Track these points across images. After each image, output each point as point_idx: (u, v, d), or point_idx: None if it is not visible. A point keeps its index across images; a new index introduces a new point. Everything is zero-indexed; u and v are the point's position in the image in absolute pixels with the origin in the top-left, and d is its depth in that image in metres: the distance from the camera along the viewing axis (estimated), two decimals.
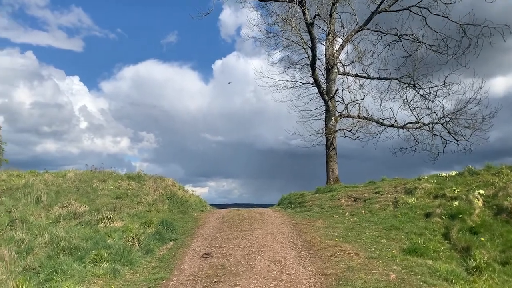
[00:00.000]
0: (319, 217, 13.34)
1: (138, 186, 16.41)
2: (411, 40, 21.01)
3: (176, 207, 15.59)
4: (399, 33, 21.10)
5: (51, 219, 13.01)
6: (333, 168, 21.12)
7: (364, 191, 14.97)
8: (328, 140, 21.29)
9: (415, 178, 14.46)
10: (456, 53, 20.34)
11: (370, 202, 13.61)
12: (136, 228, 11.87)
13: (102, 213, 12.70)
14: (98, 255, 9.15)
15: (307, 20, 19.77)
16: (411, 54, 21.28)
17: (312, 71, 21.05)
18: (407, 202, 12.71)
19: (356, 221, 12.20)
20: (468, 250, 9.15)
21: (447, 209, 11.53)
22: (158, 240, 11.10)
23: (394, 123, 21.45)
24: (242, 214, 15.10)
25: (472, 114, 20.25)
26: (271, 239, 10.67)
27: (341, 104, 21.95)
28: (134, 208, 14.19)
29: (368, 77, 21.82)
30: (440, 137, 21.26)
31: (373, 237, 10.34)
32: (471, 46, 20.10)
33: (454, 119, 20.73)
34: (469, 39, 20.11)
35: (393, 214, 12.23)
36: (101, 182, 16.41)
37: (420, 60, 21.17)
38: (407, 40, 21.14)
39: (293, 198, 18.00)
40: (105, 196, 15.08)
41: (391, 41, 21.63)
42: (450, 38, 20.33)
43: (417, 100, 21.62)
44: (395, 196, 13.46)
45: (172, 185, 17.89)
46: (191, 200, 17.62)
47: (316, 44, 20.50)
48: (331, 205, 14.49)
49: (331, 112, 21.38)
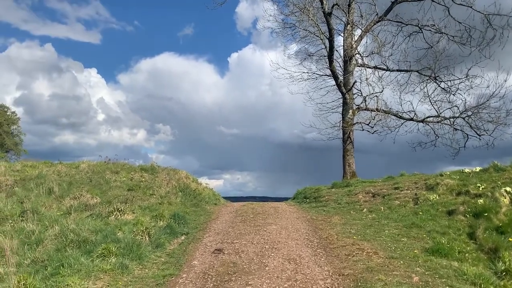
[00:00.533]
0: (335, 213, 12.77)
1: (151, 178, 16.07)
2: (432, 31, 20.19)
3: (188, 200, 15.20)
4: (420, 24, 20.30)
5: (62, 211, 12.74)
6: (350, 162, 20.51)
7: (382, 187, 14.33)
8: (345, 134, 20.67)
9: (436, 174, 13.75)
10: (480, 45, 19.46)
11: (389, 198, 12.98)
12: (147, 221, 11.49)
13: (114, 206, 12.35)
14: (106, 249, 8.77)
15: (325, 10, 19.09)
16: (432, 46, 20.48)
17: (330, 63, 20.38)
18: (429, 198, 12.05)
19: (374, 217, 11.60)
20: (496, 251, 8.50)
21: (471, 207, 10.84)
22: (169, 234, 10.69)
23: (414, 117, 20.69)
24: (256, 209, 14.62)
25: (496, 108, 19.40)
26: (286, 236, 10.17)
27: (359, 97, 21.32)
28: (146, 201, 13.84)
29: (387, 69, 21.08)
30: (461, 131, 20.45)
31: (393, 235, 9.74)
32: (496, 37, 19.24)
33: (477, 113, 19.86)
34: (494, 30, 19.24)
35: (413, 211, 11.59)
36: (114, 173, 16.11)
37: (441, 52, 20.36)
38: (429, 31, 20.35)
39: (308, 192, 17.45)
40: (118, 188, 14.77)
41: (412, 32, 20.85)
42: (474, 29, 19.49)
43: (438, 94, 20.85)
44: (416, 192, 12.79)
45: (186, 178, 17.52)
46: (204, 193, 17.23)
47: (333, 35, 19.81)
48: (348, 201, 13.90)
49: (348, 105, 20.73)
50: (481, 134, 20.09)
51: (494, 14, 19.03)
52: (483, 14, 19.13)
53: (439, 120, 20.47)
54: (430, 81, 20.77)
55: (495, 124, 19.55)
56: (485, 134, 20.05)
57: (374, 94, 20.59)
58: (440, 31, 19.96)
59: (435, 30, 20.09)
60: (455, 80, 20.43)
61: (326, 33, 20.07)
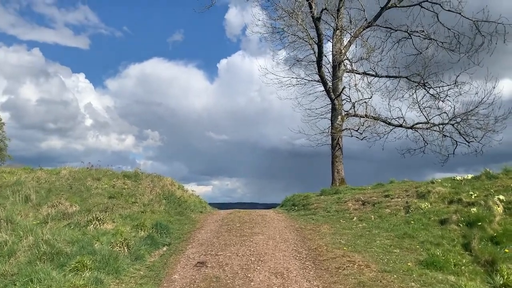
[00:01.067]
0: (324, 222, 12.23)
1: (134, 185, 15.38)
2: (422, 37, 19.88)
3: (173, 208, 14.54)
4: (409, 30, 19.98)
5: (39, 220, 11.98)
6: (339, 168, 20.04)
7: (372, 194, 13.85)
8: (334, 140, 20.22)
9: (427, 181, 13.31)
10: (468, 51, 19.21)
11: (380, 206, 12.49)
12: (127, 231, 10.83)
13: (93, 214, 11.65)
14: (81, 262, 8.11)
15: (314, 14, 18.66)
16: (421, 52, 20.18)
17: (318, 68, 19.95)
18: (420, 207, 11.59)
19: (365, 227, 11.09)
20: (493, 263, 8.02)
21: (464, 216, 10.40)
22: (149, 245, 10.05)
23: (403, 123, 20.34)
24: (242, 217, 14.03)
25: (485, 115, 19.13)
26: (273, 247, 9.59)
27: (348, 103, 20.93)
28: (128, 209, 13.16)
29: (376, 75, 20.70)
30: (450, 138, 20.16)
31: (385, 246, 9.22)
32: (484, 44, 19.00)
33: (466, 120, 19.59)
34: (482, 37, 18.99)
35: (405, 220, 11.11)
36: (96, 180, 15.39)
37: (430, 58, 20.07)
38: (418, 37, 20.02)
39: (297, 199, 16.91)
40: (99, 196, 14.06)
41: (401, 38, 20.53)
42: (463, 35, 19.20)
43: (427, 100, 20.55)
44: (407, 200, 12.33)
45: (171, 185, 16.87)
46: (190, 200, 16.59)
47: (322, 40, 19.41)
48: (337, 209, 13.38)
49: (337, 110, 20.30)
50: (470, 141, 19.83)
51: (482, 21, 18.79)
52: (472, 20, 18.90)
53: (428, 126, 20.15)
54: (419, 88, 20.47)
55: (483, 131, 19.29)
56: (473, 141, 19.79)
57: (363, 100, 20.24)
58: (429, 37, 19.67)
59: (424, 36, 19.80)
60: (444, 86, 20.17)
61: (315, 38, 19.65)
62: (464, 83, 19.68)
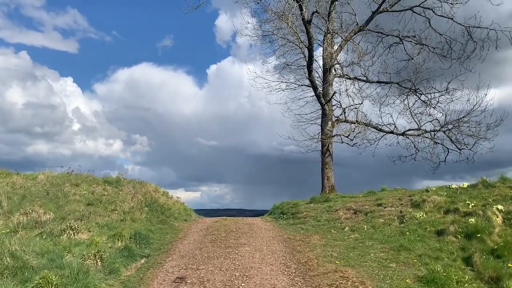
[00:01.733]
0: (315, 232, 11.45)
1: (115, 192, 14.45)
2: (413, 42, 19.39)
3: (155, 216, 13.65)
4: (400, 35, 19.45)
5: (9, 228, 11.01)
6: (329, 175, 19.32)
7: (364, 203, 13.13)
8: (324, 146, 19.51)
9: (422, 190, 12.62)
10: (460, 57, 18.73)
11: (373, 215, 11.75)
12: (103, 241, 9.92)
13: (67, 223, 10.73)
14: (45, 278, 7.20)
15: (304, 17, 18.01)
16: (413, 57, 19.66)
17: (309, 73, 19.27)
18: (415, 216, 10.89)
19: (357, 238, 10.33)
20: (497, 280, 7.31)
21: (462, 227, 9.71)
22: (126, 258, 9.15)
23: (394, 130, 19.73)
24: (229, 225, 13.21)
25: (477, 122, 18.59)
26: (259, 260, 8.78)
27: (338, 108, 20.27)
28: (106, 217, 12.24)
29: (367, 81, 20.11)
30: (442, 145, 19.60)
31: (380, 260, 8.46)
32: (476, 50, 18.55)
33: (458, 127, 19.05)
34: (474, 43, 18.53)
35: (399, 230, 10.39)
36: (74, 186, 14.41)
37: (422, 64, 19.55)
38: (409, 42, 19.52)
39: (285, 207, 16.12)
40: (76, 202, 13.10)
41: (392, 43, 20.02)
42: (455, 41, 18.73)
43: (418, 106, 20.00)
44: (401, 210, 11.62)
45: (154, 191, 15.97)
46: (174, 207, 15.70)
47: (313, 44, 18.71)
48: (328, 218, 12.61)
49: (327, 116, 19.62)
50: (461, 148, 19.29)
51: (474, 27, 18.35)
52: (464, 26, 18.44)
53: (420, 133, 19.57)
54: (410, 94, 19.92)
55: (475, 138, 18.76)
56: (465, 148, 19.27)
57: (354, 105, 19.62)
58: (421, 43, 19.17)
59: (416, 41, 19.30)
60: (435, 93, 19.66)
61: (305, 42, 19.00)
62: (455, 90, 19.22)
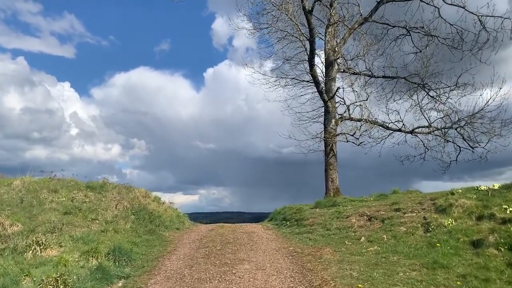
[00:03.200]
0: (325, 243, 9.58)
1: (98, 198, 12.52)
2: (422, 33, 17.55)
3: (142, 225, 11.76)
4: (408, 26, 17.66)
5: None
6: (333, 177, 17.46)
7: (378, 208, 11.27)
8: (327, 146, 17.65)
9: (446, 192, 10.72)
10: (472, 48, 16.95)
11: (391, 223, 9.90)
12: (74, 259, 8.05)
13: (33, 237, 8.82)
14: None
15: (305, 7, 16.22)
16: (421, 50, 17.85)
17: (310, 67, 17.44)
18: (443, 224, 9.05)
19: (378, 251, 8.46)
20: None
21: (503, 237, 7.89)
22: (99, 281, 7.27)
23: (402, 127, 17.91)
24: (225, 235, 11.36)
25: (491, 118, 16.78)
26: (262, 282, 6.91)
27: (341, 105, 18.44)
28: (85, 228, 10.35)
29: (372, 76, 18.31)
30: (453, 143, 17.78)
31: (414, 282, 6.59)
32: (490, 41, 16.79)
33: (470, 124, 17.24)
34: (487, 33, 16.77)
35: (427, 241, 8.54)
36: (52, 192, 12.48)
37: (430, 57, 17.75)
38: (417, 33, 17.70)
39: (288, 213, 14.24)
40: (52, 211, 11.20)
41: (399, 35, 18.18)
42: (467, 31, 16.94)
43: (427, 102, 18.18)
44: (424, 216, 9.78)
45: (143, 197, 14.07)
46: (165, 214, 13.81)
47: (315, 36, 16.90)
48: (339, 226, 10.73)
49: (331, 113, 17.78)
50: (474, 147, 17.49)
51: (487, 16, 16.61)
52: (476, 15, 16.69)
53: (430, 130, 17.75)
54: (418, 89, 18.12)
55: (489, 135, 16.96)
56: (478, 146, 17.47)
57: (359, 102, 17.79)
58: (430, 34, 17.38)
59: (424, 32, 17.51)
60: (445, 88, 17.86)
61: (306, 34, 17.21)
62: (466, 85, 17.43)
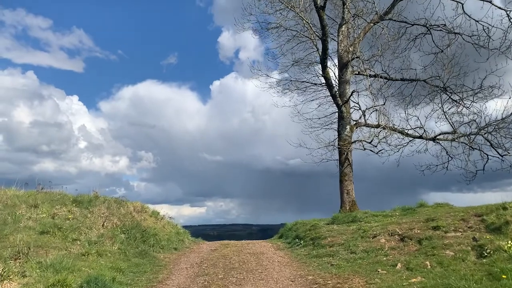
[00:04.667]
0: (352, 271, 7.55)
1: (83, 215, 10.60)
2: (444, 31, 15.68)
3: (133, 246, 9.82)
4: (428, 24, 15.81)
5: None
6: (349, 189, 15.44)
7: (411, 225, 9.23)
8: (342, 154, 15.69)
9: (496, 205, 8.65)
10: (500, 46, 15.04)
11: (432, 245, 7.87)
12: None
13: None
14: None
15: (317, 2, 14.45)
16: (442, 50, 15.95)
17: (323, 68, 15.57)
18: (501, 247, 7.02)
19: (424, 284, 6.40)
20: None
21: None
22: None
23: (423, 134, 15.92)
24: (230, 257, 9.40)
25: None
26: None
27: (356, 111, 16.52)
28: (63, 250, 8.44)
29: (389, 78, 16.42)
30: (480, 151, 15.74)
31: None
32: None
33: (498, 130, 15.23)
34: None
35: (485, 270, 6.50)
36: (31, 207, 10.61)
37: (452, 58, 15.86)
38: (439, 31, 15.82)
39: (301, 229, 12.23)
40: (28, 230, 9.31)
41: (418, 34, 16.31)
42: (495, 27, 15.05)
43: (449, 107, 16.23)
44: (473, 236, 7.74)
45: (138, 212, 12.15)
46: (163, 232, 11.88)
47: (327, 34, 15.08)
48: (365, 248, 8.69)
49: (345, 119, 15.85)
50: (504, 154, 15.43)
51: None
52: (505, 10, 14.82)
53: (454, 137, 15.73)
54: (440, 92, 16.18)
55: None
56: (507, 154, 15.42)
57: (375, 107, 15.87)
58: (453, 31, 15.50)
59: (447, 30, 15.64)
60: (469, 91, 15.90)
61: (317, 33, 15.42)
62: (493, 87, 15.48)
